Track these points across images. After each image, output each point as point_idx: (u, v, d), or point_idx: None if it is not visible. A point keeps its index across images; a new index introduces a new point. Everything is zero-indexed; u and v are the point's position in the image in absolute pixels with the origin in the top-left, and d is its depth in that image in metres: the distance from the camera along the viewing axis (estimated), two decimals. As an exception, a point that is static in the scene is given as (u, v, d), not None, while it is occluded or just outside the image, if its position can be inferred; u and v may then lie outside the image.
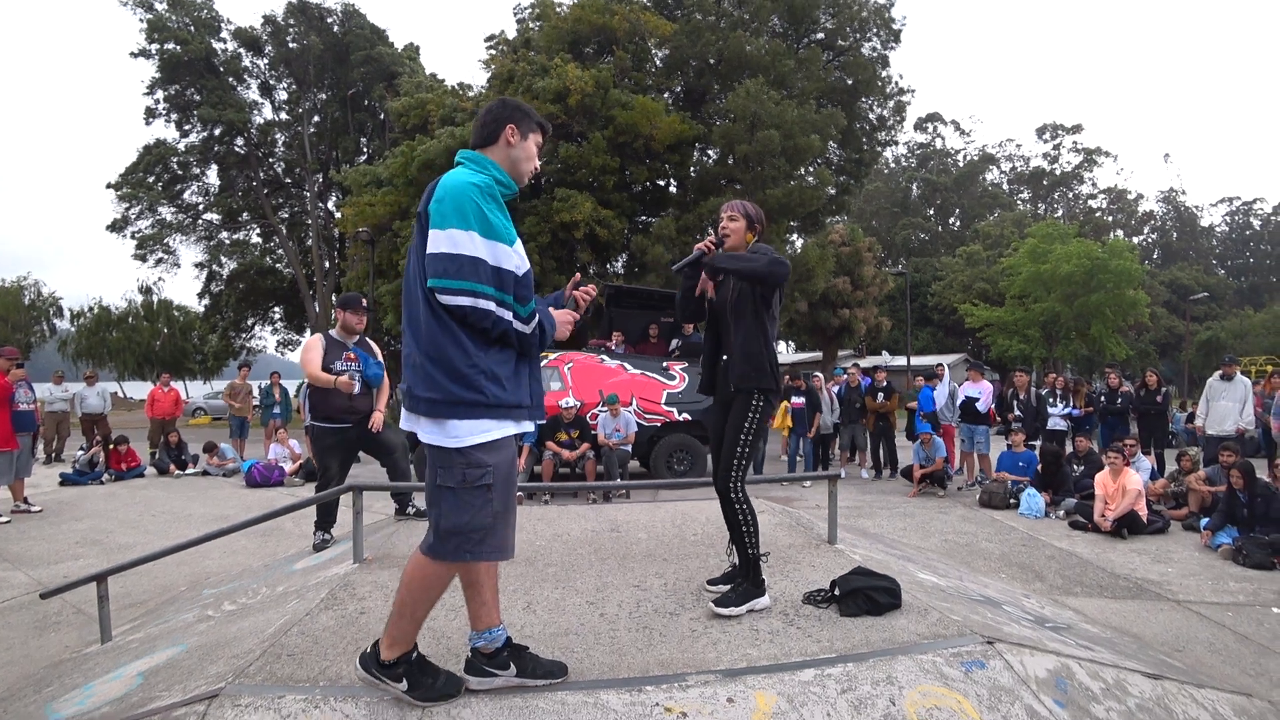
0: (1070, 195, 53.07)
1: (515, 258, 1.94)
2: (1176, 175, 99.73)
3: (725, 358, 2.89)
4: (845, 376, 10.68)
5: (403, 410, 2.00)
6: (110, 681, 2.68)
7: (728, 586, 2.97)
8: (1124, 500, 6.41)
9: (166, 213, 26.79)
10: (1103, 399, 9.27)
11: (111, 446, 10.28)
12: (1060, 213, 48.79)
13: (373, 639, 2.25)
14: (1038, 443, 8.72)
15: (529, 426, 2.09)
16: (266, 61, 26.69)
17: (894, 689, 2.16)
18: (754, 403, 2.78)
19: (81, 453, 10.30)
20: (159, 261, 27.14)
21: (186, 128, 25.78)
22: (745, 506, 2.80)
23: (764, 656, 2.35)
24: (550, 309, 2.13)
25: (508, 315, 1.91)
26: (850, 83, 20.39)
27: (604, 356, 9.70)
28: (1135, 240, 47.61)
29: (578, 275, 2.39)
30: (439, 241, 1.84)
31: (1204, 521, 6.29)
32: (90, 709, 2.42)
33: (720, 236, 2.89)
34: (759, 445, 2.90)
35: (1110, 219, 49.83)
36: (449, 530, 1.92)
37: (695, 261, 2.93)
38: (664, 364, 9.58)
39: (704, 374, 3.05)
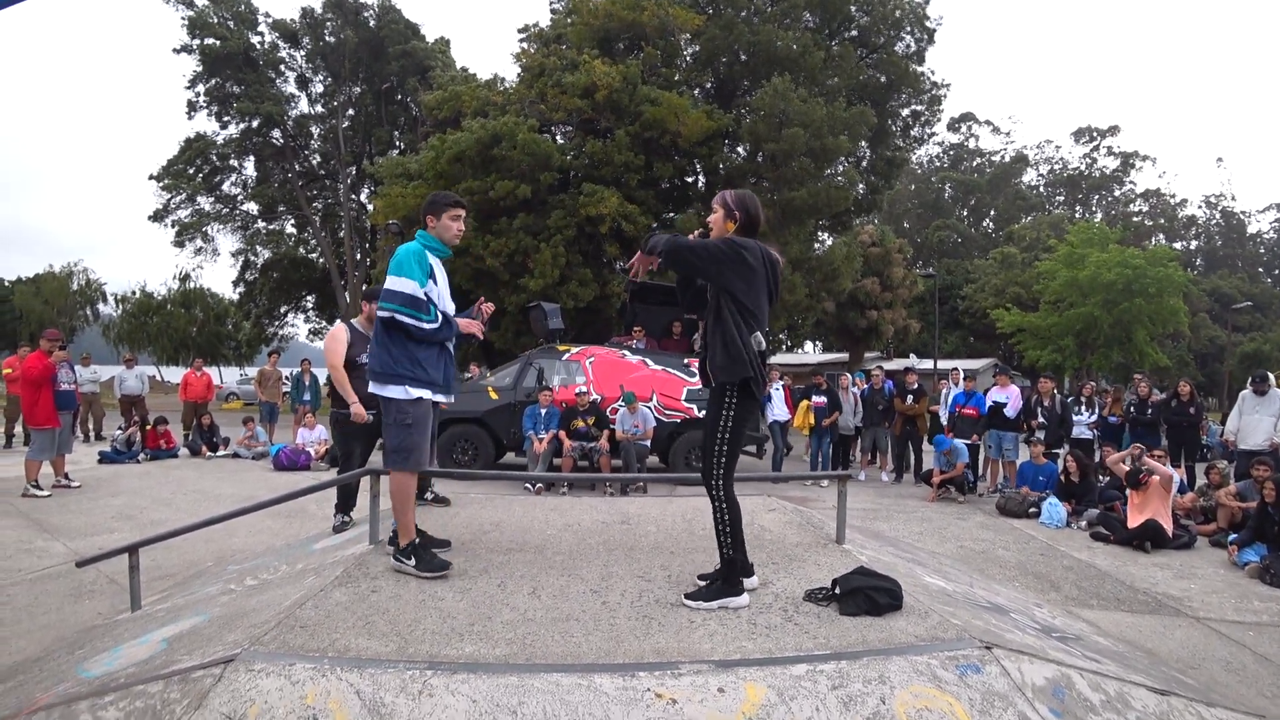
0: (1109, 199, 51.65)
1: (417, 288, 3.12)
2: (1226, 180, 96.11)
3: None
4: (867, 378, 10.60)
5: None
6: (137, 645, 2.82)
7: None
8: (1153, 497, 6.32)
9: (205, 203, 27.52)
10: (1132, 409, 9.07)
11: (150, 426, 10.66)
12: (1099, 216, 47.50)
13: (383, 615, 2.60)
14: (1060, 451, 8.55)
15: (441, 397, 3.28)
16: (304, 54, 27.22)
17: (885, 688, 2.18)
18: (728, 398, 2.77)
19: (119, 432, 10.69)
20: (199, 250, 27.93)
21: (225, 119, 26.40)
22: (724, 504, 2.78)
23: (758, 650, 2.39)
24: (459, 317, 3.41)
25: (411, 320, 3.11)
26: (883, 80, 20.10)
27: (626, 352, 9.76)
28: (1177, 246, 46.15)
29: (482, 299, 3.78)
30: (388, 281, 3.16)
31: (1232, 537, 6.15)
32: (117, 669, 2.56)
33: (705, 230, 2.95)
34: (740, 440, 2.83)
35: (1150, 224, 48.37)
36: (394, 449, 3.16)
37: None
38: (685, 360, 9.62)
39: (700, 369, 3.11)
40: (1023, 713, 2.19)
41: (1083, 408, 9.16)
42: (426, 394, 3.18)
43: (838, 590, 2.85)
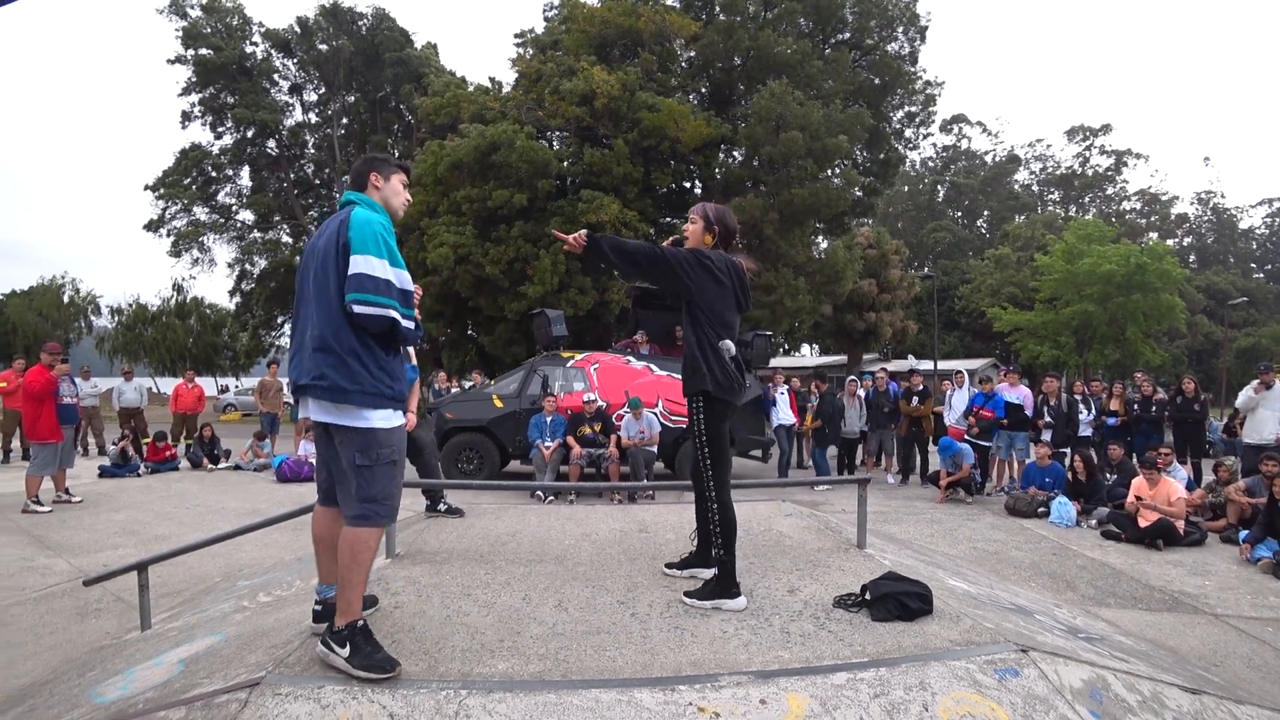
0: (1102, 197, 51.95)
1: (407, 279, 2.40)
2: (1216, 178, 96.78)
3: None
4: (872, 381, 10.58)
5: (311, 401, 2.31)
6: (152, 667, 2.75)
7: (684, 572, 3.14)
8: (1167, 509, 6.29)
9: (201, 213, 27.44)
10: (1137, 407, 9.06)
11: (149, 440, 10.57)
12: (1092, 214, 47.75)
13: (408, 633, 2.48)
14: (1066, 451, 8.52)
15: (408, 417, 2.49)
16: (297, 63, 27.19)
17: (927, 694, 2.14)
18: (694, 406, 2.82)
19: (113, 446, 10.59)
20: (195, 261, 27.85)
21: (220, 130, 26.38)
22: (715, 508, 2.82)
23: (796, 659, 2.35)
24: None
25: (400, 318, 2.33)
26: (877, 81, 20.17)
27: (630, 358, 9.71)
28: (1170, 243, 46.43)
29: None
30: (359, 264, 2.26)
31: (1243, 534, 6.13)
32: (133, 694, 2.49)
33: (680, 238, 2.94)
34: (720, 445, 2.85)
35: (1143, 222, 48.67)
36: (369, 498, 2.29)
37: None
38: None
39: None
40: (1064, 715, 2.16)
41: (1089, 406, 9.16)
42: (403, 418, 2.47)
43: (868, 596, 2.81)
